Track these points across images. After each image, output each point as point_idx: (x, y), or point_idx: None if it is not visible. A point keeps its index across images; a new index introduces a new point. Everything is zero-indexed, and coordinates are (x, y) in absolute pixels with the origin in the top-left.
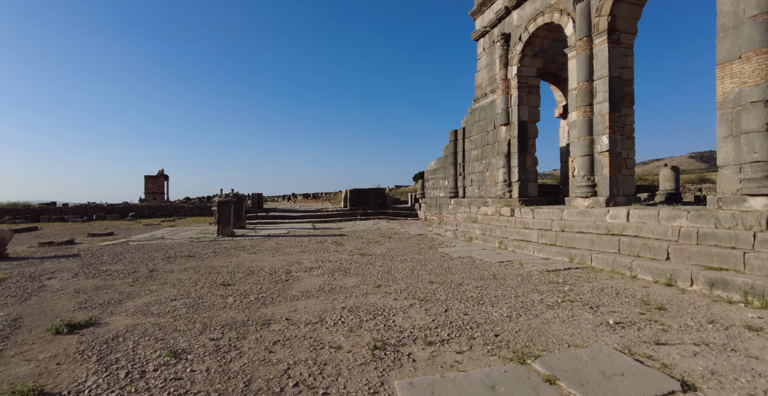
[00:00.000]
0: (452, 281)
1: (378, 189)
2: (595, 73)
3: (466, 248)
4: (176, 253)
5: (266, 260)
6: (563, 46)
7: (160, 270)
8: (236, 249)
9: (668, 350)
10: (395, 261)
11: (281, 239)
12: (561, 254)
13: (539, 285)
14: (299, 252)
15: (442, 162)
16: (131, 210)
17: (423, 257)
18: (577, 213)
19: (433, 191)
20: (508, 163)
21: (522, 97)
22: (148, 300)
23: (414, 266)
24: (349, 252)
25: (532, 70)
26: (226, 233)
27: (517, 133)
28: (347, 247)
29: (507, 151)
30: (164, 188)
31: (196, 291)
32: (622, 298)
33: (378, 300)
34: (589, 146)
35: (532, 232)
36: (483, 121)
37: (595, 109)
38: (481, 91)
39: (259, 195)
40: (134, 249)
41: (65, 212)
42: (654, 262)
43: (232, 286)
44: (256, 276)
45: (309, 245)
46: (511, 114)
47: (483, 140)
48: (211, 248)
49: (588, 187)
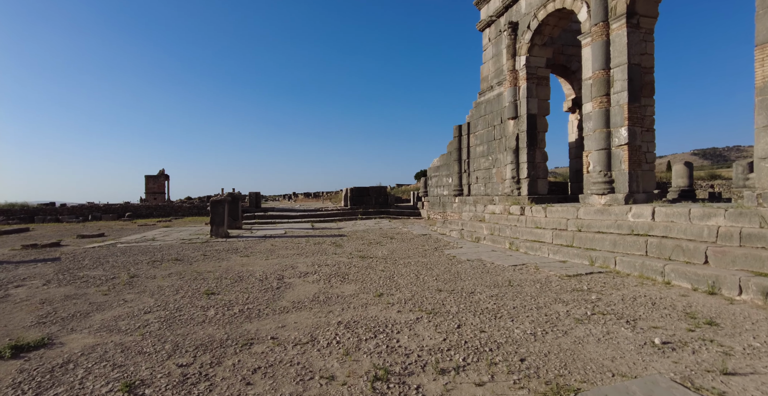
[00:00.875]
0: (463, 289)
1: (379, 187)
2: (612, 61)
3: (474, 250)
4: (163, 257)
5: (258, 264)
6: (572, 36)
7: (142, 276)
8: (228, 251)
9: (743, 383)
10: (398, 265)
11: (277, 240)
12: (580, 256)
13: (562, 293)
14: (295, 254)
15: (446, 159)
16: (128, 210)
17: (428, 260)
18: (595, 211)
19: (436, 189)
20: (516, 159)
21: (531, 88)
22: (120, 312)
23: (419, 271)
24: (349, 254)
25: (542, 60)
26: (220, 234)
27: (525, 127)
28: (347, 248)
29: (515, 146)
30: (165, 188)
31: (176, 301)
32: (660, 309)
33: (379, 312)
34: (605, 139)
35: (546, 232)
36: (489, 116)
37: (613, 99)
38: (486, 83)
39: (256, 194)
40: (120, 252)
41: (60, 213)
42: (690, 266)
43: (217, 296)
44: (245, 283)
45: (306, 247)
46: (519, 107)
47: (489, 135)
48: (202, 251)
49: (605, 184)
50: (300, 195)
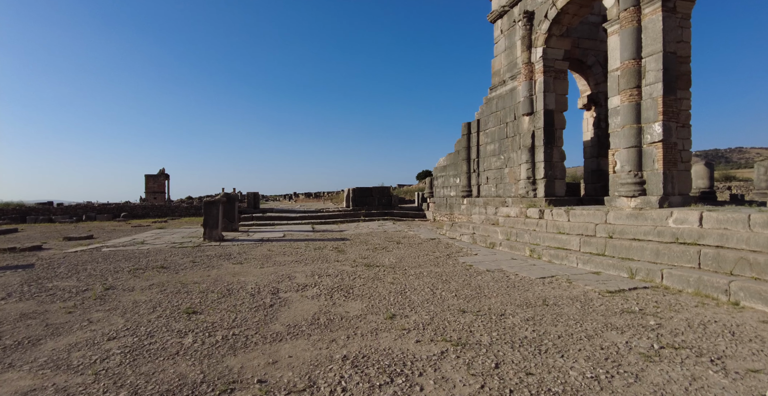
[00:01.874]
0: (490, 309)
1: (382, 187)
2: (645, 50)
3: (492, 258)
4: (148, 264)
5: (252, 273)
6: (588, 29)
7: (119, 288)
8: (220, 257)
9: None
10: (409, 276)
11: (275, 244)
12: (616, 268)
13: (610, 316)
14: (293, 261)
15: (453, 158)
16: (123, 210)
17: (443, 270)
18: (627, 216)
19: (442, 190)
20: (532, 158)
21: (548, 82)
22: (79, 338)
23: (434, 284)
24: (353, 262)
25: (560, 52)
26: (214, 237)
27: (542, 123)
28: (350, 254)
29: (530, 144)
30: (165, 187)
31: (149, 323)
32: (745, 342)
33: (394, 343)
34: (635, 136)
35: (571, 239)
36: (501, 112)
37: (644, 91)
38: (498, 78)
39: (254, 194)
40: (103, 257)
41: (54, 213)
42: (763, 284)
43: (199, 315)
44: (234, 298)
45: (306, 252)
46: (535, 102)
47: (501, 133)
48: (192, 256)
49: (634, 185)
50: (301, 195)
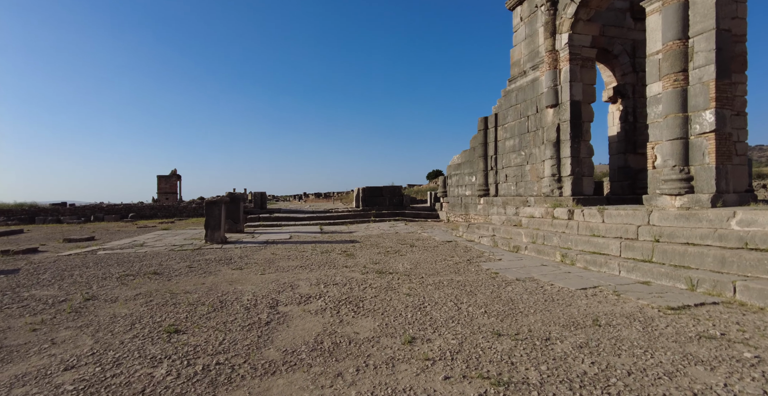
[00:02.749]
0: (530, 330)
1: (393, 187)
2: (692, 28)
3: (518, 263)
4: (140, 269)
5: (251, 281)
6: (614, 15)
7: (101, 298)
8: (219, 262)
9: None
10: (427, 286)
11: (279, 247)
12: (669, 277)
13: (685, 342)
14: (298, 267)
15: (469, 155)
16: (131, 211)
17: (465, 279)
18: (676, 217)
19: (456, 189)
20: (557, 154)
21: (574, 71)
22: (29, 368)
23: (458, 296)
24: (363, 268)
25: (587, 38)
26: (216, 240)
27: (568, 115)
28: (360, 259)
29: (555, 138)
30: (177, 188)
31: (122, 345)
32: None
33: (415, 379)
34: (681, 126)
35: (609, 243)
36: (521, 105)
37: (692, 75)
38: (518, 68)
39: (261, 194)
40: (95, 261)
41: (62, 213)
42: None
43: (181, 335)
44: (226, 312)
45: (312, 257)
46: (560, 93)
47: (521, 127)
48: (189, 261)
49: (680, 182)
50: (310, 195)
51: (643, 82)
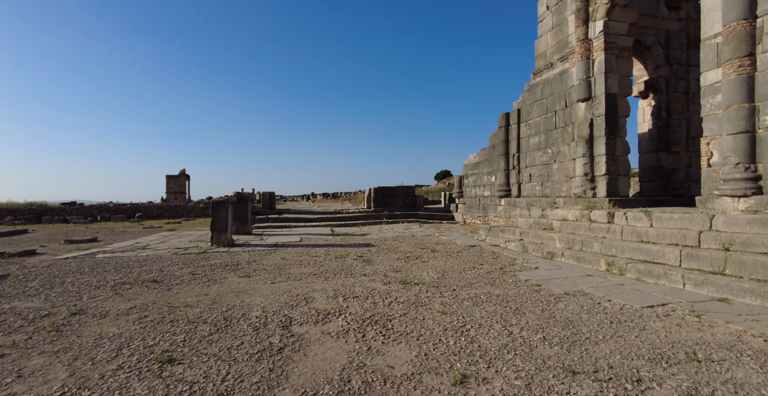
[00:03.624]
0: (610, 366)
1: (406, 187)
2: (762, 5)
3: (559, 273)
4: (139, 276)
5: (260, 292)
6: (647, 3)
7: (89, 312)
8: (225, 268)
9: None
10: (463, 300)
11: (290, 251)
12: (755, 294)
13: None
14: (311, 275)
15: (488, 153)
16: (138, 210)
17: (504, 292)
18: (748, 222)
19: (474, 189)
20: (590, 151)
21: (610, 61)
22: None
23: (504, 315)
24: (384, 276)
25: (623, 25)
26: (222, 242)
27: (603, 110)
28: (378, 266)
29: (588, 134)
30: (186, 188)
31: (101, 382)
32: None
33: None
34: (746, 119)
35: (665, 250)
36: (548, 99)
37: (761, 60)
38: (544, 60)
39: (270, 194)
40: (91, 267)
41: (69, 213)
42: None
43: (176, 366)
44: (231, 333)
45: (326, 262)
46: (593, 85)
47: (548, 123)
48: (193, 266)
49: (744, 181)
50: (318, 195)
51: (677, 75)
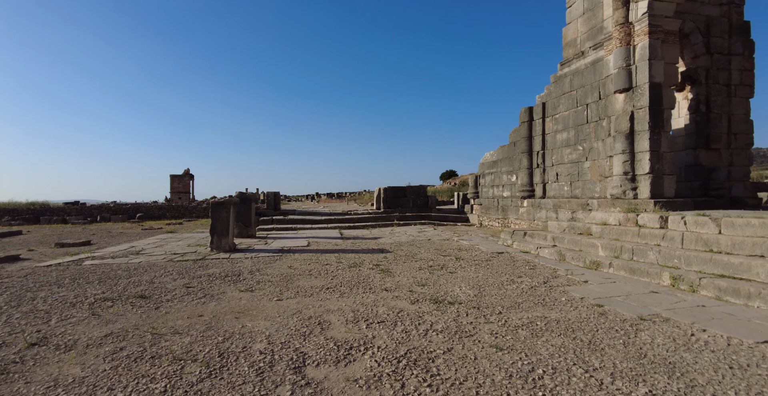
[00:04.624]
0: None
1: (418, 187)
2: None
3: (615, 288)
4: (125, 289)
5: (264, 312)
6: None
7: (53, 342)
8: (225, 278)
9: None
10: (516, 328)
11: (298, 258)
12: None
13: None
14: (324, 289)
15: (508, 151)
16: (140, 211)
17: (562, 315)
18: None
19: (491, 189)
20: (630, 148)
21: (654, 47)
22: None
23: (577, 352)
24: (409, 292)
25: (670, 6)
26: (223, 247)
27: (647, 101)
28: (400, 278)
29: (628, 129)
30: (190, 187)
31: None
32: None
33: None
34: None
35: (752, 264)
36: (579, 91)
37: None
38: (573, 49)
39: (275, 194)
40: (74, 276)
41: (68, 213)
42: None
43: None
44: (227, 382)
45: (339, 272)
46: (634, 74)
47: (578, 117)
48: (188, 277)
49: None
50: (323, 195)
51: (718, 65)
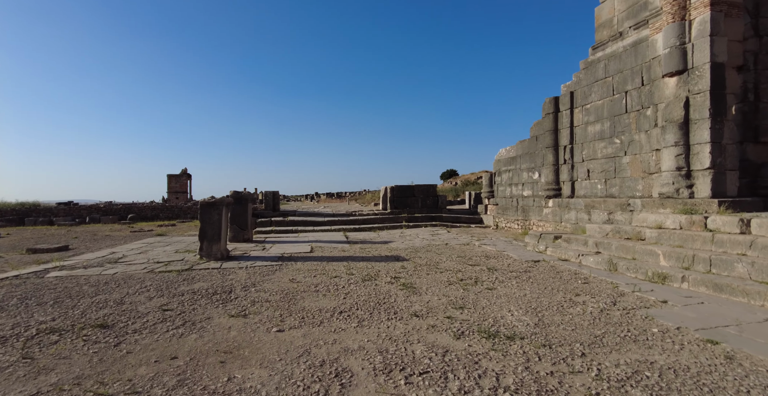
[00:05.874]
0: None
1: (427, 186)
2: None
3: (710, 311)
4: (84, 314)
5: (261, 352)
6: None
7: None
8: (213, 297)
9: None
10: (619, 383)
11: (301, 268)
12: None
13: None
14: (335, 313)
15: (528, 146)
16: (131, 211)
17: (673, 361)
18: None
19: (509, 188)
20: (685, 139)
21: (717, 21)
22: None
23: None
24: (446, 318)
25: None
26: (214, 255)
27: (707, 84)
28: (429, 295)
29: (682, 117)
30: (187, 187)
31: None
32: None
33: None
34: None
35: None
36: (616, 77)
37: None
38: (608, 30)
39: (273, 193)
40: (25, 295)
41: (56, 214)
42: None
43: None
44: None
45: (351, 288)
46: (691, 54)
47: (615, 107)
48: (168, 295)
49: None
50: (323, 195)
51: None
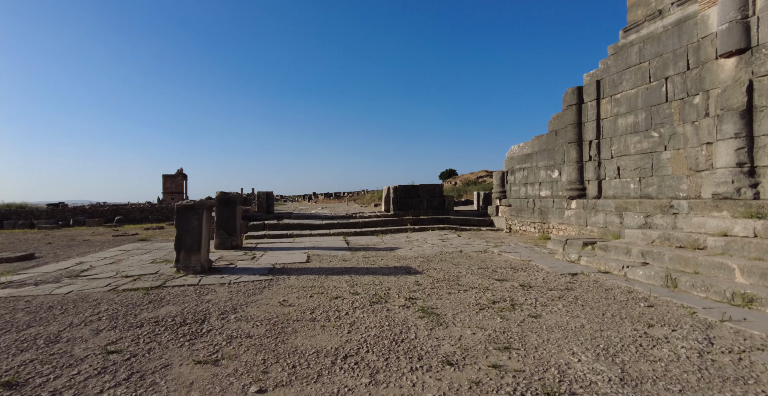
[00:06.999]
0: None
1: (432, 186)
2: None
3: None
4: None
5: None
6: None
7: None
8: (180, 329)
9: None
10: None
11: (294, 284)
12: None
13: None
14: (339, 360)
15: (547, 142)
16: (119, 213)
17: None
18: None
19: (524, 188)
20: (747, 129)
21: None
22: None
23: None
24: (493, 369)
25: None
26: (192, 267)
27: None
28: (459, 328)
29: (745, 104)
30: (183, 187)
31: None
32: None
33: None
34: None
35: None
36: (652, 62)
37: None
38: (644, 9)
39: (267, 194)
40: None
41: (38, 216)
42: None
43: None
44: None
45: (357, 314)
46: (756, 28)
47: (651, 96)
48: (123, 326)
49: None
50: (320, 195)
51: None
